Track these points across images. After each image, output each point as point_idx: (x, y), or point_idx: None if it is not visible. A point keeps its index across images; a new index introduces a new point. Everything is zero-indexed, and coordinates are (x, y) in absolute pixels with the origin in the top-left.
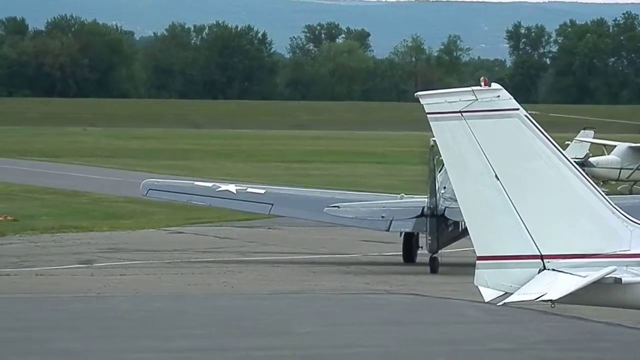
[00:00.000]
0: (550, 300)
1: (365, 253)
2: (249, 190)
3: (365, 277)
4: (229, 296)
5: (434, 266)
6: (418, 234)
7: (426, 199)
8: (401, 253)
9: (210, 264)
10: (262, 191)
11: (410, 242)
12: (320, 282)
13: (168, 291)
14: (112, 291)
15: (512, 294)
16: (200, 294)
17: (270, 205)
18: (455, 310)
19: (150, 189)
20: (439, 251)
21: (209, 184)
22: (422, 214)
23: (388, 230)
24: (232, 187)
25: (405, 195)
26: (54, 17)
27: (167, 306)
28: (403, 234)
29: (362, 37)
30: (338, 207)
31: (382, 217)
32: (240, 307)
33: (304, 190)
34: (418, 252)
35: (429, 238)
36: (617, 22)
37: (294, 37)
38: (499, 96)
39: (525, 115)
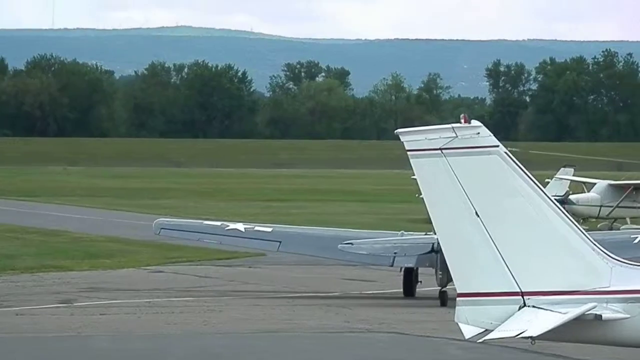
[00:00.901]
0: (531, 337)
1: (346, 292)
2: (257, 228)
3: (346, 316)
4: (210, 335)
5: (443, 299)
6: (417, 269)
7: (434, 235)
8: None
9: (191, 303)
10: (269, 229)
11: (410, 277)
12: (301, 321)
13: (148, 330)
14: (92, 330)
15: (492, 331)
16: (181, 333)
17: (278, 243)
18: (435, 348)
19: (162, 228)
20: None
21: (218, 223)
22: (433, 250)
23: (392, 265)
24: (240, 226)
25: (405, 232)
26: (34, 57)
27: (148, 345)
28: (403, 269)
29: (341, 75)
30: (352, 244)
31: (395, 253)
32: (222, 347)
33: (307, 229)
34: (417, 286)
35: (440, 273)
36: (596, 60)
37: (273, 75)
38: (478, 133)
39: (505, 152)
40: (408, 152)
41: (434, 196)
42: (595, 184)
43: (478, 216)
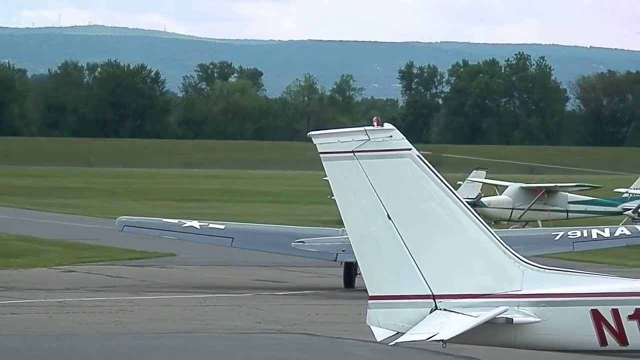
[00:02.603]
0: (442, 340)
1: (259, 292)
2: (211, 225)
3: (258, 317)
4: (121, 335)
5: None
6: (357, 263)
7: None
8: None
9: (102, 303)
10: (222, 226)
11: (350, 271)
12: (212, 322)
13: (60, 330)
14: (3, 330)
15: (404, 333)
16: (92, 333)
17: (231, 239)
18: (347, 349)
19: (125, 225)
20: None
21: (175, 221)
22: None
23: (335, 260)
24: (196, 223)
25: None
26: None
27: (59, 345)
28: (343, 263)
29: (254, 76)
30: (304, 242)
31: (343, 250)
32: (132, 347)
33: (259, 226)
34: (356, 278)
35: None
36: (509, 62)
37: (186, 75)
38: (391, 136)
39: (418, 156)
40: (321, 155)
41: (346, 198)
42: (507, 186)
43: (390, 219)
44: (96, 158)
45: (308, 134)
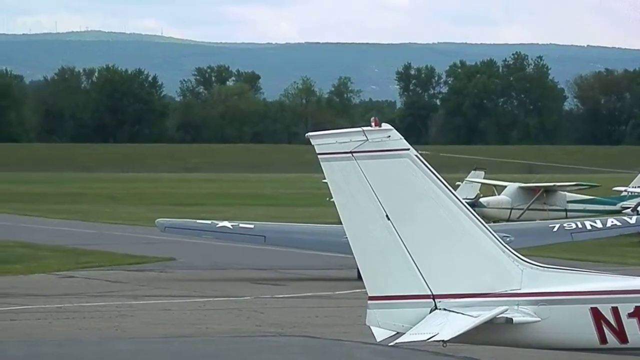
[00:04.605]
0: (442, 341)
1: (258, 295)
2: (241, 225)
3: (257, 320)
4: (121, 340)
5: None
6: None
7: None
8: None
9: (102, 308)
10: (252, 226)
11: None
12: (211, 325)
13: (59, 336)
14: (2, 336)
15: (404, 334)
16: (92, 338)
17: (263, 237)
18: (346, 351)
19: (166, 227)
20: None
21: (209, 222)
22: None
23: None
24: (227, 224)
25: None
26: None
27: (59, 351)
28: None
29: (252, 79)
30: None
31: None
32: (132, 352)
33: (283, 225)
34: None
35: None
36: (506, 62)
37: (184, 80)
38: (389, 136)
39: (416, 155)
40: (319, 156)
41: (344, 199)
42: (505, 186)
43: (389, 219)
44: (95, 163)
45: (306, 135)
